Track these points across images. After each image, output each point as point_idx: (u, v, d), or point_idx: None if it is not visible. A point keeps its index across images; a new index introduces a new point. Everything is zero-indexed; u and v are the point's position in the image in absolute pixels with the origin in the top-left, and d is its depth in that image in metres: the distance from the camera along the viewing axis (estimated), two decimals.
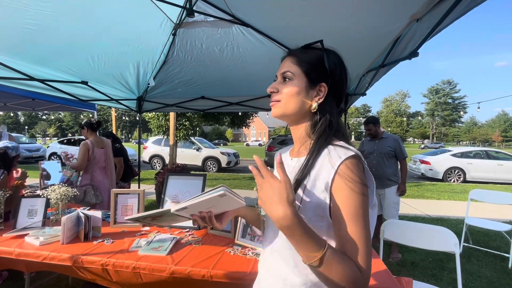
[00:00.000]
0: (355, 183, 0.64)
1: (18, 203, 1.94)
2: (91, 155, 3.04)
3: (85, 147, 3.02)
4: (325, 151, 0.70)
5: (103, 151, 3.17)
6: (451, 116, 66.16)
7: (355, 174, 0.64)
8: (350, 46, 2.20)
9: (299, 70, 0.75)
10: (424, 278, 2.78)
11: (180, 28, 2.49)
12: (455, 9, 1.33)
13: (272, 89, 0.78)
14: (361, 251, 0.61)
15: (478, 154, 9.98)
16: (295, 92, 0.75)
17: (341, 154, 0.67)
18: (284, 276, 0.72)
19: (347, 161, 0.66)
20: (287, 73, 0.76)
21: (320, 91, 0.76)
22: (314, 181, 0.69)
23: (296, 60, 0.76)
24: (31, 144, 14.95)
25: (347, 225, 0.63)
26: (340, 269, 0.58)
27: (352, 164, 0.66)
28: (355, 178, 0.64)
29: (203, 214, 0.80)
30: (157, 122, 8.89)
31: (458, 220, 4.71)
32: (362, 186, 0.64)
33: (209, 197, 0.72)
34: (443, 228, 1.87)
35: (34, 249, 1.55)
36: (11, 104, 4.91)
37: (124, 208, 2.02)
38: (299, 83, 0.75)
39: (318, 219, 0.68)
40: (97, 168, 3.11)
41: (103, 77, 3.09)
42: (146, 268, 1.39)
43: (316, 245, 0.57)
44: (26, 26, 1.98)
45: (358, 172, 0.65)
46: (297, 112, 0.76)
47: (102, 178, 3.13)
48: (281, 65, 0.80)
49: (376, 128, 3.39)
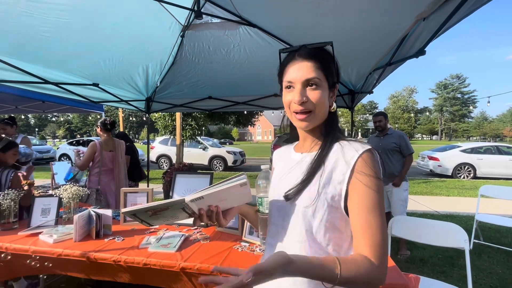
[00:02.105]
0: (372, 178, 0.66)
1: (32, 203, 2.00)
2: (97, 157, 3.04)
3: (92, 148, 3.04)
4: (338, 146, 0.73)
5: (111, 154, 3.16)
6: (460, 112, 64.80)
7: (371, 169, 0.67)
8: (356, 45, 2.19)
9: (323, 75, 0.73)
10: (433, 275, 2.75)
11: (188, 30, 2.52)
12: (462, 8, 1.32)
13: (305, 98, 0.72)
14: (377, 244, 0.63)
15: (489, 150, 9.79)
16: (326, 99, 0.74)
17: (358, 148, 0.69)
18: None
19: (364, 155, 0.68)
20: (315, 80, 0.71)
21: (334, 92, 0.78)
22: (331, 173, 0.70)
23: (319, 64, 0.73)
24: (41, 146, 15.31)
25: (364, 219, 0.65)
26: (359, 274, 0.59)
27: (369, 158, 0.68)
28: (372, 174, 0.67)
29: (212, 208, 0.76)
30: (163, 122, 8.98)
31: (468, 217, 4.64)
32: (378, 181, 0.67)
33: (231, 185, 0.72)
34: (452, 224, 1.85)
35: (49, 246, 1.61)
36: (22, 106, 5.03)
37: (133, 206, 2.06)
38: (324, 88, 0.73)
39: (333, 210, 0.70)
40: (104, 171, 3.12)
41: (113, 79, 3.15)
42: (156, 264, 1.42)
43: (329, 268, 0.57)
44: (43, 34, 2.06)
45: (374, 166, 0.68)
46: (324, 117, 0.77)
47: (108, 180, 3.12)
48: (296, 69, 0.73)
49: (386, 121, 3.41)
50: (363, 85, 3.12)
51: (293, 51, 0.76)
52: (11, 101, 4.72)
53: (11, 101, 4.68)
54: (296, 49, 0.76)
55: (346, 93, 3.51)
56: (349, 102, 3.60)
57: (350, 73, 2.98)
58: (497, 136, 57.55)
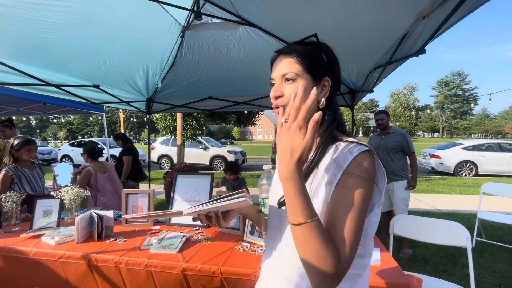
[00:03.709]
0: (361, 179, 0.62)
1: (34, 204, 2.00)
2: (92, 180, 2.89)
3: (87, 174, 2.87)
4: (333, 147, 0.69)
5: (106, 176, 3.02)
6: (461, 109, 64.57)
7: (364, 169, 0.63)
8: (357, 43, 2.19)
9: (301, 68, 0.70)
10: (435, 273, 2.75)
11: (188, 30, 2.52)
12: (462, 6, 1.32)
13: (277, 93, 0.72)
14: (347, 243, 0.58)
15: (491, 147, 9.75)
16: (306, 93, 0.68)
17: (353, 150, 0.65)
18: (288, 277, 0.72)
19: (359, 156, 0.64)
20: (289, 74, 0.70)
21: (325, 86, 0.73)
22: (323, 178, 0.67)
23: (296, 58, 0.71)
24: (43, 147, 15.36)
25: (339, 214, 0.61)
26: (317, 244, 0.56)
27: (363, 159, 0.64)
28: (362, 175, 0.63)
29: (211, 214, 0.80)
30: (164, 122, 8.98)
31: (470, 215, 4.63)
32: (367, 182, 0.63)
33: (230, 202, 0.72)
34: (454, 222, 1.84)
35: (50, 248, 1.61)
36: (23, 108, 5.05)
37: (135, 207, 2.07)
38: (304, 82, 0.70)
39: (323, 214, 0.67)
40: (105, 194, 2.94)
41: (114, 80, 3.15)
42: (158, 265, 1.42)
43: (305, 211, 0.57)
44: (42, 35, 2.06)
45: (368, 167, 0.64)
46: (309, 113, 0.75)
47: (111, 203, 2.92)
48: (276, 66, 0.74)
49: (388, 120, 3.39)
50: (363, 84, 3.11)
51: (278, 50, 0.77)
52: (13, 103, 4.74)
53: (12, 103, 4.71)
54: (281, 48, 0.77)
55: (346, 92, 3.50)
56: (350, 101, 3.60)
57: (351, 72, 2.97)
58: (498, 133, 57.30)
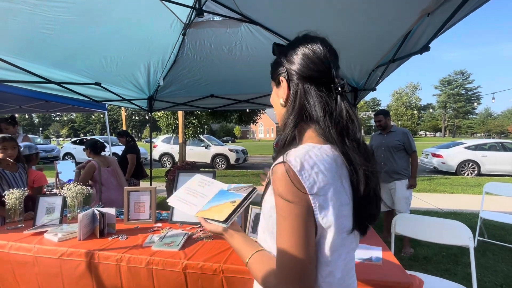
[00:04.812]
0: (276, 197, 0.63)
1: (37, 202, 2.01)
2: (96, 175, 2.85)
3: (90, 168, 2.83)
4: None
5: (110, 170, 3.00)
6: (464, 108, 64.16)
7: (276, 186, 0.62)
8: (360, 41, 2.17)
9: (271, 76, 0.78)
10: (437, 272, 2.74)
11: (189, 28, 2.52)
12: (467, 3, 1.30)
13: None
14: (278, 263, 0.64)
15: (493, 146, 9.70)
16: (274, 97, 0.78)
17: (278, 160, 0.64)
18: None
19: (273, 169, 0.64)
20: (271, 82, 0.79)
21: (283, 86, 0.71)
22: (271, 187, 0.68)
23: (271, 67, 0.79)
24: (46, 145, 15.40)
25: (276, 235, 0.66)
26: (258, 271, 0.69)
27: (275, 174, 0.62)
28: (276, 191, 0.62)
29: None
30: (166, 120, 9.00)
31: (472, 214, 4.61)
32: (280, 201, 0.62)
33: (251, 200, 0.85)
34: (456, 221, 1.84)
35: (53, 245, 1.62)
36: (26, 106, 5.06)
37: (137, 205, 2.07)
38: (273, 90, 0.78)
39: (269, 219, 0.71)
40: (110, 189, 2.93)
41: (116, 78, 3.15)
42: (160, 263, 1.43)
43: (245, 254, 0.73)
44: (43, 31, 2.06)
45: (280, 185, 0.61)
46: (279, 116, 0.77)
47: (116, 197, 2.88)
48: None
49: (386, 120, 3.37)
50: (366, 82, 3.09)
51: None
52: (15, 101, 4.75)
53: (15, 100, 4.71)
54: None
55: (349, 91, 3.48)
56: (352, 100, 3.58)
57: (353, 70, 2.96)
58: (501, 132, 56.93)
